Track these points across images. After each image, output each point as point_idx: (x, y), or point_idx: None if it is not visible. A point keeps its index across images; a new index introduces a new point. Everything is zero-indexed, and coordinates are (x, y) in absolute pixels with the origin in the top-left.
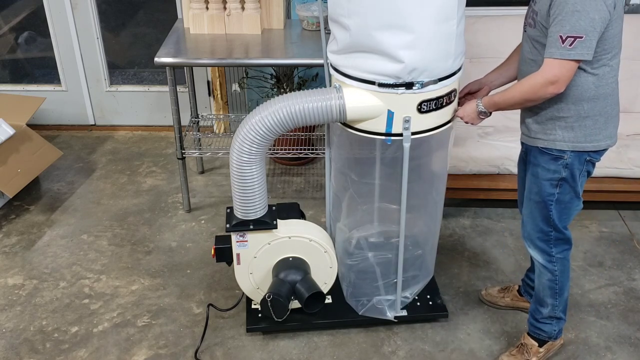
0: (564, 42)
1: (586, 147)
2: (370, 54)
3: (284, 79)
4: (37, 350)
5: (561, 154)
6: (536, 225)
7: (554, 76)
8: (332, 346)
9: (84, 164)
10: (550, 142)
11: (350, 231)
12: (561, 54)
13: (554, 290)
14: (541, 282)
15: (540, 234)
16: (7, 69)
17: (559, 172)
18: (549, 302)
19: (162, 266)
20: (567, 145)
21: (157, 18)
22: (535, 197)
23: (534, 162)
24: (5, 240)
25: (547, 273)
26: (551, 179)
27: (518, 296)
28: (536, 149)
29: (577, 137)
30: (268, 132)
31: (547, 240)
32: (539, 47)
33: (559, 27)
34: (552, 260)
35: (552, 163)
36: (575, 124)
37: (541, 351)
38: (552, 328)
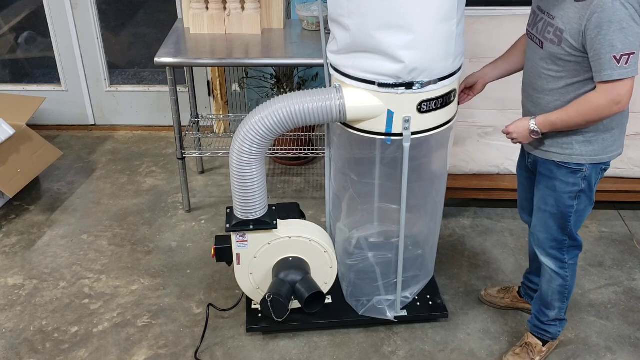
0: (619, 62)
1: (603, 159)
2: (370, 54)
3: (284, 79)
4: (37, 350)
5: (579, 167)
6: (550, 234)
7: (618, 96)
8: (332, 346)
9: (84, 164)
10: (567, 156)
11: (350, 231)
12: (620, 74)
13: (563, 294)
14: (551, 287)
15: (554, 242)
16: (7, 69)
17: (578, 185)
18: (556, 306)
19: (162, 266)
20: (585, 159)
21: (157, 18)
22: (551, 209)
23: (549, 175)
24: (5, 240)
25: (558, 279)
26: (570, 192)
27: (518, 297)
28: (551, 162)
29: (595, 150)
30: (268, 132)
31: (561, 248)
32: (562, 63)
33: (609, 48)
34: (564, 267)
35: (570, 176)
36: (593, 139)
37: (544, 350)
38: (557, 329)
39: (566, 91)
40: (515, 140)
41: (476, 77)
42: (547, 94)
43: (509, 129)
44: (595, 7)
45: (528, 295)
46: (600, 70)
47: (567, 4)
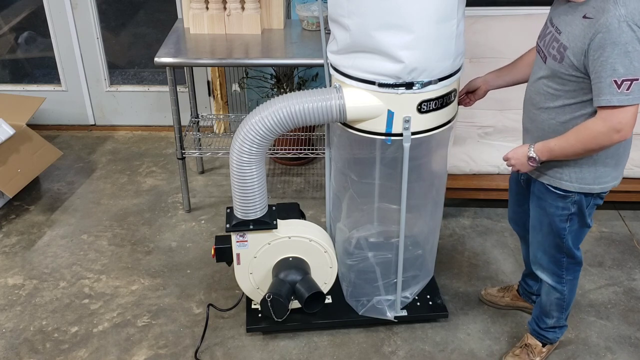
0: (619, 87)
1: (593, 190)
2: (370, 54)
3: (284, 79)
4: (37, 350)
5: (568, 194)
6: (547, 252)
7: (618, 123)
8: (332, 346)
9: (84, 164)
10: (556, 180)
11: (350, 231)
12: (619, 100)
13: (561, 306)
14: (549, 299)
15: (551, 259)
16: (7, 69)
17: (567, 209)
18: (555, 315)
19: (162, 266)
20: (574, 186)
21: (157, 18)
22: (545, 229)
23: (540, 196)
24: (5, 240)
25: (555, 292)
26: (561, 215)
27: (518, 296)
28: (541, 184)
29: (585, 179)
30: (268, 132)
31: (559, 265)
32: (561, 82)
33: (610, 71)
34: (562, 282)
35: (560, 201)
36: (584, 166)
37: (544, 351)
38: (556, 335)
39: (562, 111)
40: (514, 167)
41: (479, 83)
42: (543, 111)
43: (507, 155)
44: (601, 26)
45: (526, 296)
46: (599, 95)
47: (576, 20)
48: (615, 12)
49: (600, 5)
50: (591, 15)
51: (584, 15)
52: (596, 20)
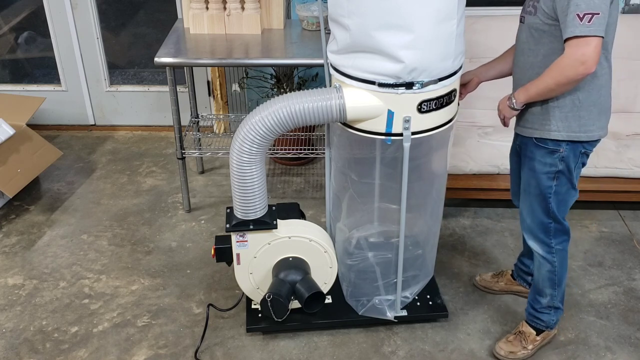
0: (582, 20)
1: (580, 137)
2: (370, 54)
3: (284, 79)
4: (37, 350)
5: (557, 147)
6: (536, 217)
7: (582, 55)
8: (332, 346)
9: (84, 164)
10: (546, 132)
11: (350, 231)
12: (581, 31)
13: (553, 281)
14: (540, 274)
15: (540, 225)
16: (7, 69)
17: (555, 166)
18: (547, 293)
19: (162, 266)
20: (562, 135)
21: (157, 18)
22: (534, 191)
23: (530, 155)
24: (5, 240)
25: (546, 264)
26: (548, 172)
27: (512, 280)
28: (532, 142)
29: (571, 127)
30: (268, 132)
31: (547, 231)
32: (537, 35)
33: (574, 7)
34: (551, 252)
35: (548, 157)
36: (569, 114)
37: (538, 339)
38: (551, 318)
39: (544, 63)
40: (501, 114)
41: (470, 75)
42: (528, 68)
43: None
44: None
45: (521, 278)
46: (565, 29)
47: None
48: None
49: None
50: None
51: None
52: None
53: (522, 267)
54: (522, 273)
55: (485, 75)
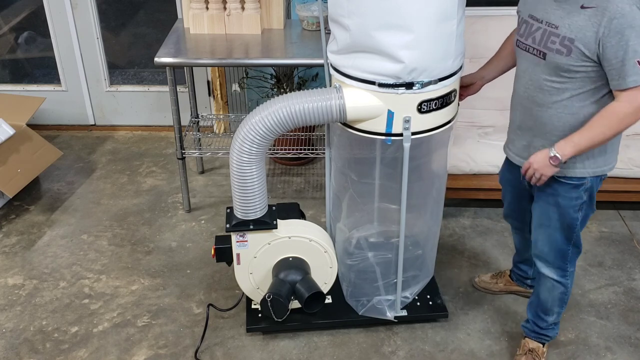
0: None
1: (604, 171)
2: (370, 54)
3: (284, 79)
4: (37, 350)
5: (581, 181)
6: (555, 247)
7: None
8: (332, 346)
9: (84, 164)
10: (570, 171)
11: (350, 231)
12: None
13: (563, 300)
14: (552, 295)
15: (558, 253)
16: (7, 69)
17: (580, 198)
18: (556, 311)
19: (162, 266)
20: (588, 172)
21: (157, 18)
22: (555, 224)
23: (551, 192)
24: (5, 240)
25: (560, 287)
26: (574, 205)
27: (511, 281)
28: (552, 179)
29: (597, 162)
30: (268, 132)
31: (564, 257)
32: (567, 75)
33: (632, 53)
34: (565, 275)
35: (573, 191)
36: (596, 151)
37: (545, 351)
38: (555, 332)
39: (570, 103)
40: (538, 172)
41: (473, 78)
42: (549, 106)
43: (530, 160)
44: (614, 13)
45: (520, 281)
46: (625, 77)
47: (573, 12)
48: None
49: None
50: (592, 4)
51: (581, 5)
52: (603, 8)
53: (520, 273)
54: (520, 277)
55: (487, 77)
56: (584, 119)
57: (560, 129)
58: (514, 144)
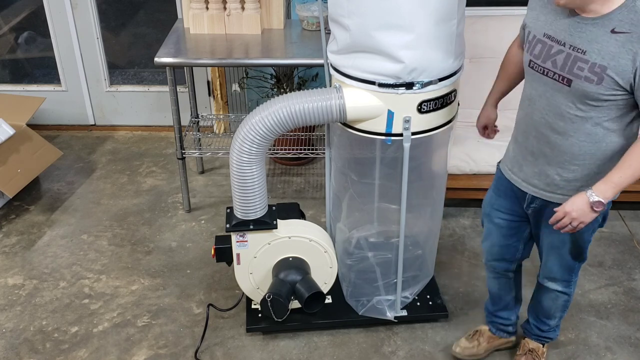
0: None
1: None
2: (370, 54)
3: (284, 79)
4: (37, 350)
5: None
6: (564, 265)
7: None
8: (332, 346)
9: (84, 164)
10: None
11: (350, 231)
12: None
13: (566, 306)
14: (555, 304)
15: (567, 269)
16: (7, 69)
17: (597, 221)
18: (558, 315)
19: (162, 266)
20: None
21: (157, 18)
22: (569, 246)
23: None
24: (5, 240)
25: (563, 296)
26: (590, 229)
27: (493, 335)
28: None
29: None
30: (268, 132)
31: (572, 271)
32: (595, 103)
33: None
34: (570, 285)
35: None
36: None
37: (545, 351)
38: (556, 333)
39: (593, 131)
40: (577, 221)
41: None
42: (571, 135)
43: (565, 209)
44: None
45: (502, 331)
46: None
47: (603, 36)
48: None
49: (631, 17)
50: (625, 29)
51: (612, 29)
52: (638, 34)
53: (501, 322)
54: (501, 327)
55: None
56: (605, 147)
57: (580, 158)
58: (522, 170)
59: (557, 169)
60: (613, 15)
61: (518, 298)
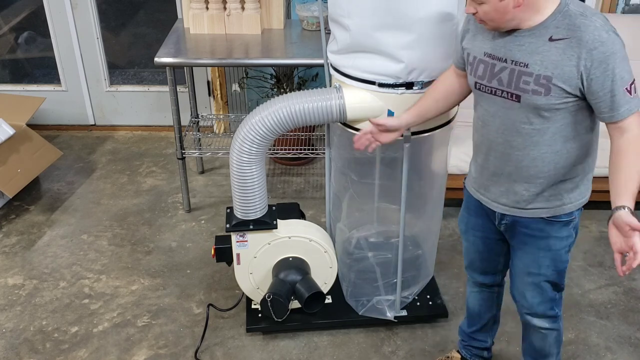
0: (631, 93)
1: (585, 200)
2: (370, 54)
3: (284, 79)
4: (37, 350)
5: (570, 217)
6: (545, 297)
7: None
8: (332, 346)
9: (84, 164)
10: (558, 208)
11: (350, 231)
12: (637, 104)
13: (559, 341)
14: (546, 342)
15: (549, 303)
16: (7, 69)
17: (571, 236)
18: (554, 352)
19: (162, 266)
20: (575, 205)
21: (157, 18)
22: (546, 271)
23: (541, 235)
24: (5, 240)
25: (553, 332)
26: (565, 246)
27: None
28: (540, 220)
29: (581, 193)
30: (268, 132)
31: (554, 304)
32: (548, 114)
33: (620, 81)
34: (556, 320)
35: (564, 230)
36: (580, 182)
37: None
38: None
39: (553, 141)
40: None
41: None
42: (532, 149)
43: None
44: (592, 42)
45: (476, 356)
46: (618, 108)
47: (541, 46)
48: (595, 24)
49: (567, 22)
50: (561, 36)
51: (549, 38)
52: (577, 39)
53: (477, 345)
54: (477, 351)
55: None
56: (567, 154)
57: (545, 170)
58: (489, 190)
59: (524, 185)
60: (547, 23)
61: (497, 319)
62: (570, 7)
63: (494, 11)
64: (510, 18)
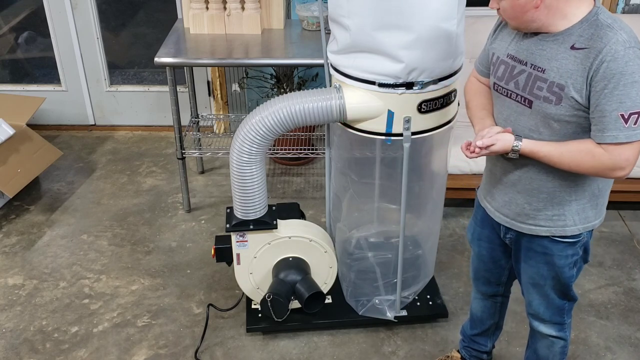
0: (627, 122)
1: (595, 225)
2: (370, 54)
3: (284, 79)
4: (37, 350)
5: (577, 238)
6: (552, 305)
7: (626, 161)
8: (332, 346)
9: (84, 164)
10: (560, 228)
11: (350, 231)
12: (627, 136)
13: (565, 352)
14: (552, 351)
15: (556, 310)
16: (7, 69)
17: (577, 254)
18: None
19: (162, 266)
20: (579, 228)
21: (157, 18)
22: (550, 282)
23: (544, 251)
24: (5, 240)
25: (560, 341)
26: (569, 263)
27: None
28: (543, 239)
29: (588, 217)
30: (268, 132)
31: (562, 312)
32: (558, 125)
33: (616, 104)
34: (564, 329)
35: (569, 248)
36: (587, 205)
37: None
38: None
39: None
40: (493, 148)
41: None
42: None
43: (494, 138)
44: (605, 54)
45: (475, 357)
46: (603, 130)
47: (562, 53)
48: (617, 37)
49: (591, 32)
50: (583, 45)
51: (571, 46)
52: (594, 50)
53: (477, 348)
54: (476, 354)
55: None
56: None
57: (549, 185)
58: (495, 199)
59: (526, 197)
60: (573, 30)
61: (499, 325)
62: (600, 17)
63: (511, 9)
64: (530, 19)
